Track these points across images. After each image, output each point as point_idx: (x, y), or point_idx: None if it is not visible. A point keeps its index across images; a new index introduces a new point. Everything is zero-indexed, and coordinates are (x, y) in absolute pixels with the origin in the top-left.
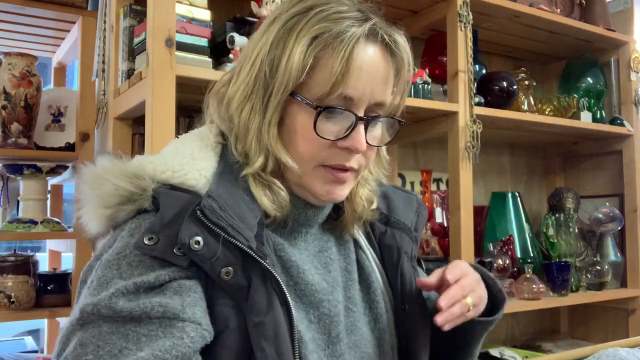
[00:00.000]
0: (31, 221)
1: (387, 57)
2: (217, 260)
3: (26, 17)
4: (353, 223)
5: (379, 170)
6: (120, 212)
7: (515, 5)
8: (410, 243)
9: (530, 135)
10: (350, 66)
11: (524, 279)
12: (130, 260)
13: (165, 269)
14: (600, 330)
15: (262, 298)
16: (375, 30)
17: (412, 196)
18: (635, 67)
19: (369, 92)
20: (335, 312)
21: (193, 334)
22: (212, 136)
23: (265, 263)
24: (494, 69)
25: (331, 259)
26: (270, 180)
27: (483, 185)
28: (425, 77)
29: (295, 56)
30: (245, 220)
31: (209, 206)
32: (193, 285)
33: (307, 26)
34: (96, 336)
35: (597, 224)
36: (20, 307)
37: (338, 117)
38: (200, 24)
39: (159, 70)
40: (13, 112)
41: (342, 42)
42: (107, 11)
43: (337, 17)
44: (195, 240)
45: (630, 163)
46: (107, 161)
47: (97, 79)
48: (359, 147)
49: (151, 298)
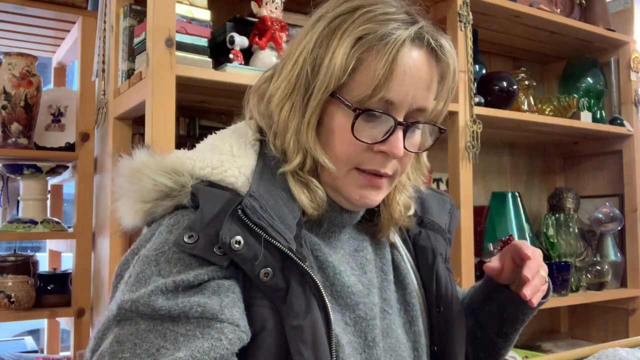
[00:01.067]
0: (31, 221)
1: (432, 63)
2: (255, 260)
3: (26, 17)
4: (389, 227)
5: (418, 176)
6: (158, 208)
7: (515, 5)
8: (444, 244)
9: (530, 135)
10: (394, 70)
11: None
12: (169, 257)
13: (204, 268)
14: (600, 330)
15: (301, 301)
16: (421, 34)
17: (445, 197)
18: (635, 67)
19: (411, 97)
20: (372, 315)
21: (231, 336)
22: (250, 132)
23: (305, 265)
24: (494, 69)
25: (367, 259)
26: (308, 179)
27: (483, 185)
28: None
29: (338, 56)
30: (285, 221)
31: (250, 206)
32: (231, 286)
33: (352, 26)
34: (134, 334)
35: (597, 224)
36: (20, 307)
37: (377, 120)
38: (200, 24)
39: (159, 70)
40: (13, 112)
41: (386, 44)
42: (107, 11)
43: (383, 19)
44: (236, 240)
45: (630, 163)
46: (145, 155)
47: (97, 79)
48: (396, 152)
49: (190, 297)
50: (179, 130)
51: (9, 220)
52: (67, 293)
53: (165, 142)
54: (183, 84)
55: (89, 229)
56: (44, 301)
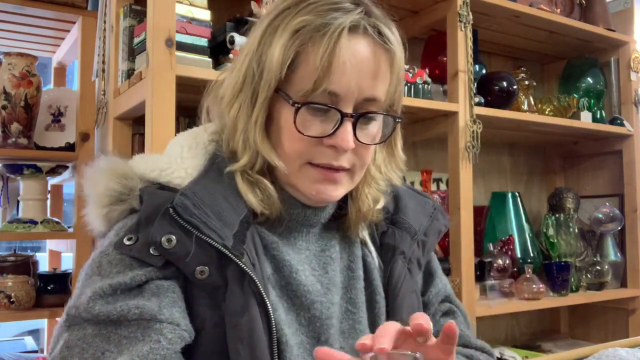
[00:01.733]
0: (31, 221)
1: (377, 51)
2: (190, 259)
3: (26, 17)
4: (358, 222)
5: (392, 169)
6: (114, 212)
7: (515, 5)
8: (411, 245)
9: (530, 135)
10: (333, 61)
11: (524, 279)
12: (110, 260)
13: (143, 269)
14: (600, 330)
15: (239, 299)
16: (360, 23)
17: (427, 200)
18: (635, 67)
19: (356, 88)
20: (327, 314)
21: (170, 336)
22: (206, 134)
23: (241, 262)
24: (494, 69)
25: (332, 259)
26: (257, 179)
27: (483, 185)
28: (425, 77)
29: (276, 51)
30: (223, 218)
31: (181, 204)
32: (171, 286)
33: (291, 20)
34: (81, 338)
35: (597, 224)
36: (20, 307)
37: (326, 114)
38: (200, 24)
39: (159, 70)
40: (13, 112)
41: (324, 35)
42: (107, 11)
43: (323, 10)
44: (167, 239)
45: (630, 163)
46: (103, 161)
47: (97, 79)
48: (344, 145)
49: (129, 300)
50: (179, 130)
51: (9, 220)
52: (67, 293)
53: (165, 142)
54: (183, 84)
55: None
56: (44, 301)
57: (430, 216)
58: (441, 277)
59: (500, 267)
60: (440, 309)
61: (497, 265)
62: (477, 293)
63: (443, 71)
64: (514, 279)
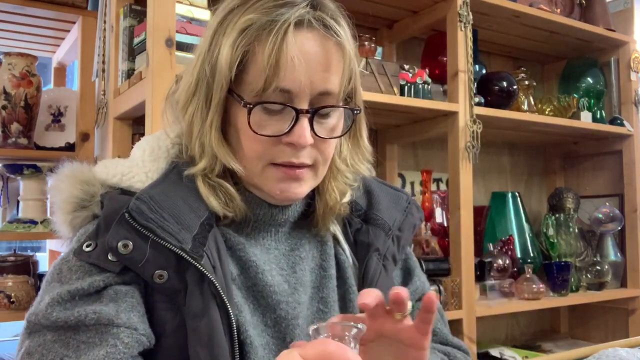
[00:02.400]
0: (31, 221)
1: (325, 44)
2: (147, 264)
3: (26, 17)
4: (326, 218)
5: (359, 161)
6: (77, 219)
7: (515, 5)
8: (385, 241)
9: (530, 135)
10: (281, 58)
11: (524, 279)
12: (70, 265)
13: (102, 275)
14: (600, 330)
15: (198, 301)
16: (306, 17)
17: (401, 194)
18: (635, 67)
19: (307, 83)
20: (294, 314)
21: (127, 340)
22: (168, 138)
23: (199, 265)
24: (494, 69)
25: (301, 258)
26: (217, 182)
27: (483, 185)
28: (425, 77)
29: (224, 51)
30: (181, 221)
31: (136, 208)
32: (129, 291)
33: (239, 19)
34: (41, 345)
35: (597, 224)
36: (20, 307)
37: (281, 112)
38: (200, 24)
39: (159, 70)
40: (13, 112)
41: (270, 32)
42: (107, 11)
43: (268, 7)
44: (123, 244)
45: (630, 163)
46: (66, 168)
47: (97, 79)
48: (302, 141)
49: (86, 306)
50: None
51: (9, 220)
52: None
53: None
54: None
55: None
56: None
57: (404, 211)
58: (419, 276)
59: (500, 267)
60: (417, 306)
61: (497, 265)
62: (477, 293)
63: (443, 71)
64: (514, 279)
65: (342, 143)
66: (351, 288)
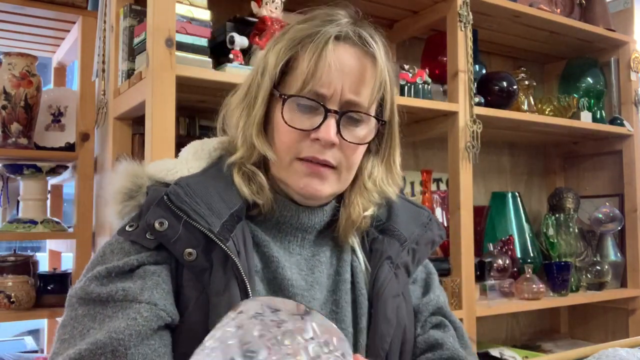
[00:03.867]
0: (31, 221)
1: (361, 57)
2: (179, 241)
3: (26, 17)
4: (348, 229)
5: (388, 185)
6: (125, 208)
7: (515, 5)
8: (399, 251)
9: (530, 135)
10: (319, 64)
11: (524, 279)
12: (113, 248)
13: (137, 255)
14: (600, 330)
15: (221, 280)
16: (346, 32)
17: (422, 211)
18: (635, 67)
19: (340, 90)
20: None
21: (146, 314)
22: (214, 142)
23: (225, 246)
24: (494, 69)
25: (320, 262)
26: (252, 169)
27: (483, 185)
28: (425, 77)
29: (272, 56)
30: (212, 208)
31: (174, 192)
32: (157, 270)
33: (291, 31)
34: (73, 318)
35: (597, 224)
36: (20, 307)
37: (313, 112)
38: (200, 24)
39: (159, 70)
40: (13, 112)
41: (313, 42)
42: (107, 11)
43: (317, 23)
44: (159, 222)
45: (630, 163)
46: (121, 164)
47: (97, 79)
48: (327, 137)
49: (119, 283)
50: (179, 130)
51: (9, 220)
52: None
53: (165, 142)
54: (183, 84)
55: (89, 229)
56: (44, 301)
57: (424, 226)
58: (435, 291)
59: (500, 267)
60: (431, 320)
61: (497, 265)
62: (477, 293)
63: (443, 71)
64: (514, 279)
65: (374, 165)
66: (361, 291)
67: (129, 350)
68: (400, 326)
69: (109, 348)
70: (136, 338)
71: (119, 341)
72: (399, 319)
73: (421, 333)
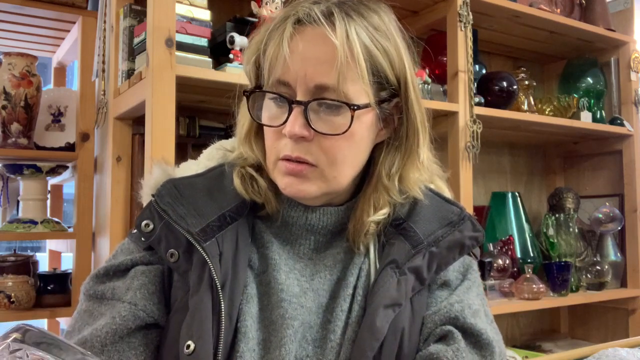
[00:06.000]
0: (31, 221)
1: (325, 38)
2: (162, 243)
3: (26, 17)
4: (358, 231)
5: (412, 181)
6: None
7: (515, 5)
8: (409, 254)
9: (530, 135)
10: (281, 50)
11: (524, 279)
12: (122, 247)
13: (134, 255)
14: (600, 330)
15: (194, 279)
16: (307, 13)
17: (451, 208)
18: (635, 67)
19: (303, 76)
20: (292, 315)
21: (125, 314)
22: (227, 144)
23: (200, 246)
24: (494, 69)
25: (325, 266)
26: (248, 172)
27: (483, 185)
28: (425, 77)
29: (247, 52)
30: (198, 208)
31: (158, 194)
32: (146, 270)
33: (263, 25)
34: (79, 312)
35: (597, 224)
36: (20, 307)
37: (283, 106)
38: (200, 24)
39: (159, 70)
40: (13, 112)
41: (276, 29)
42: (107, 11)
43: (287, 9)
44: (145, 223)
45: (630, 163)
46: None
47: (97, 79)
48: (290, 130)
49: (113, 282)
50: (179, 130)
51: (9, 220)
52: (67, 293)
53: (165, 142)
54: (183, 84)
55: (89, 229)
56: (44, 301)
57: (452, 226)
58: (451, 298)
59: (500, 267)
60: (437, 332)
61: (497, 265)
62: None
63: (443, 71)
64: (514, 279)
65: (394, 159)
66: (357, 298)
67: (105, 347)
68: (396, 340)
69: (88, 344)
70: (112, 336)
71: (97, 338)
72: (394, 331)
73: (422, 347)
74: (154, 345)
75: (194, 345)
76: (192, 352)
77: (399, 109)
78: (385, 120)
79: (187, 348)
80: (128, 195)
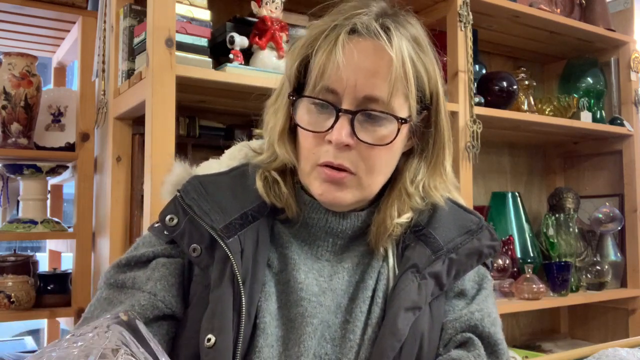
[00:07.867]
0: (31, 221)
1: (379, 50)
2: (185, 237)
3: (26, 17)
4: (380, 236)
5: (435, 189)
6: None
7: (515, 5)
8: (430, 260)
9: (530, 135)
10: (331, 59)
11: (524, 279)
12: (144, 240)
13: (156, 247)
14: (600, 330)
15: (216, 274)
16: (362, 25)
17: (471, 217)
18: (635, 67)
19: (353, 85)
20: (312, 313)
21: (144, 303)
22: (250, 146)
23: (223, 243)
24: (494, 69)
25: (343, 268)
26: (272, 176)
27: (483, 185)
28: None
29: (290, 56)
30: (221, 206)
31: (184, 189)
32: (167, 263)
33: (309, 29)
34: (98, 300)
35: (597, 224)
36: (20, 307)
37: (327, 112)
38: (200, 24)
39: (159, 70)
40: (13, 112)
41: (326, 37)
42: (107, 11)
43: (336, 17)
44: (170, 218)
45: (630, 163)
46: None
47: (97, 79)
48: (336, 137)
49: (134, 272)
50: (179, 130)
51: (9, 220)
52: (67, 293)
53: (165, 142)
54: (183, 84)
55: (89, 229)
56: (44, 301)
57: (471, 234)
58: (473, 307)
59: (500, 267)
60: (457, 338)
61: (497, 265)
62: None
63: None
64: (514, 279)
65: (419, 168)
66: (377, 300)
67: None
68: (416, 343)
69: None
70: None
71: None
72: (414, 334)
73: (442, 352)
74: (169, 337)
75: (214, 339)
76: (213, 345)
77: (425, 120)
78: (414, 131)
79: (208, 341)
80: (128, 195)
